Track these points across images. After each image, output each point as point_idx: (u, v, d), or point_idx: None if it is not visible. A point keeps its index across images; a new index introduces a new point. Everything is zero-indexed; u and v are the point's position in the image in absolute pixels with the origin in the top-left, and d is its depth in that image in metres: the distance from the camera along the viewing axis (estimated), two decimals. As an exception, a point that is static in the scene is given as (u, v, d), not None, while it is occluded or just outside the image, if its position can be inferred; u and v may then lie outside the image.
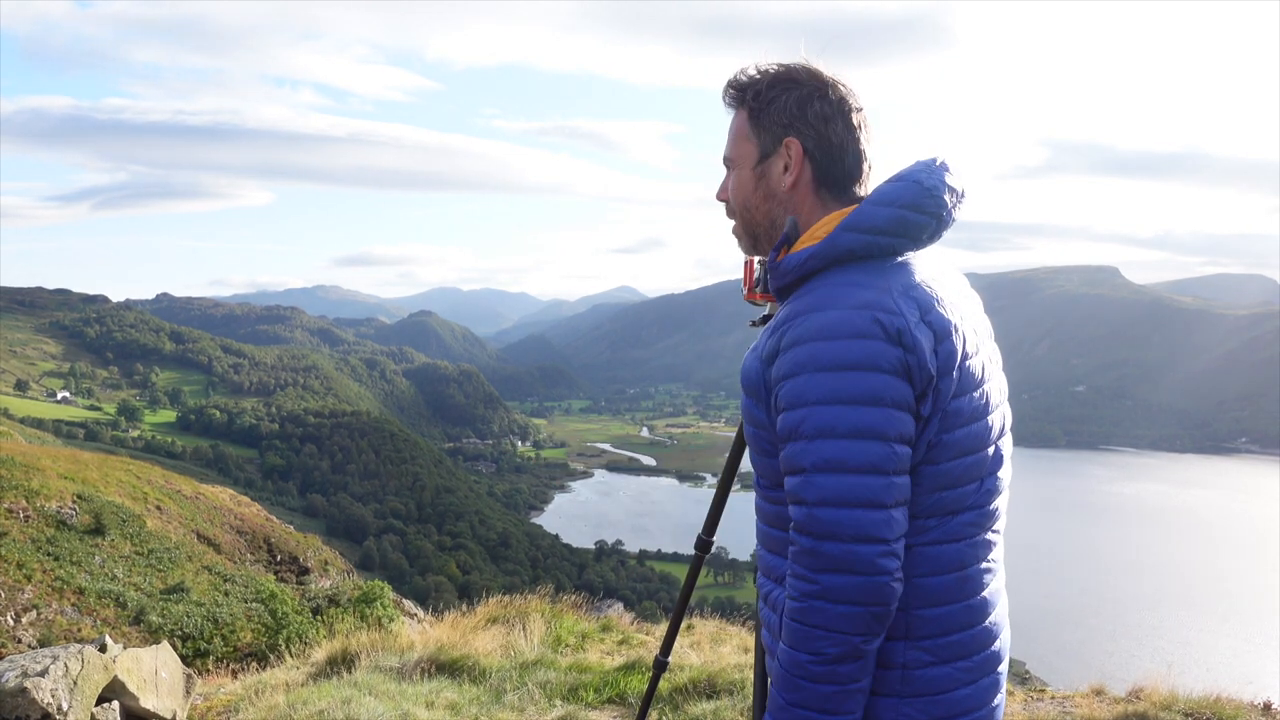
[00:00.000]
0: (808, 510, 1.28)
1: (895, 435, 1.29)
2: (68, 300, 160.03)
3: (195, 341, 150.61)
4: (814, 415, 1.28)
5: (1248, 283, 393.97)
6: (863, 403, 1.27)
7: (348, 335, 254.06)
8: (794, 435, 1.31)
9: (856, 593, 1.25)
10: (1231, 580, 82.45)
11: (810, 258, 1.40)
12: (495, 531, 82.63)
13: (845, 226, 1.39)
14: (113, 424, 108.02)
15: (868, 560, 1.25)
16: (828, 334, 1.30)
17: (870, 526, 1.26)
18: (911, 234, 1.40)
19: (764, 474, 1.47)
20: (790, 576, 1.32)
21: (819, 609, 1.27)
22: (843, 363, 1.29)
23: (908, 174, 1.44)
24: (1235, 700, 4.29)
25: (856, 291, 1.34)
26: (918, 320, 1.32)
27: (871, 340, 1.29)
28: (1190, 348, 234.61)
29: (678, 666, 4.79)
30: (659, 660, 3.15)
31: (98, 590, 9.43)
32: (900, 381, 1.29)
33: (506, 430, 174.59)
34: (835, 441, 1.27)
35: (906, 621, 1.35)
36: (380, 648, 5.37)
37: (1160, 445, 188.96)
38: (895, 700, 1.36)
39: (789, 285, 1.44)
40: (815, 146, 1.46)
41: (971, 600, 1.39)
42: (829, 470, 1.27)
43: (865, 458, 1.27)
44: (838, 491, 1.26)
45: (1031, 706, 4.44)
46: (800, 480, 1.30)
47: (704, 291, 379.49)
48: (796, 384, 1.31)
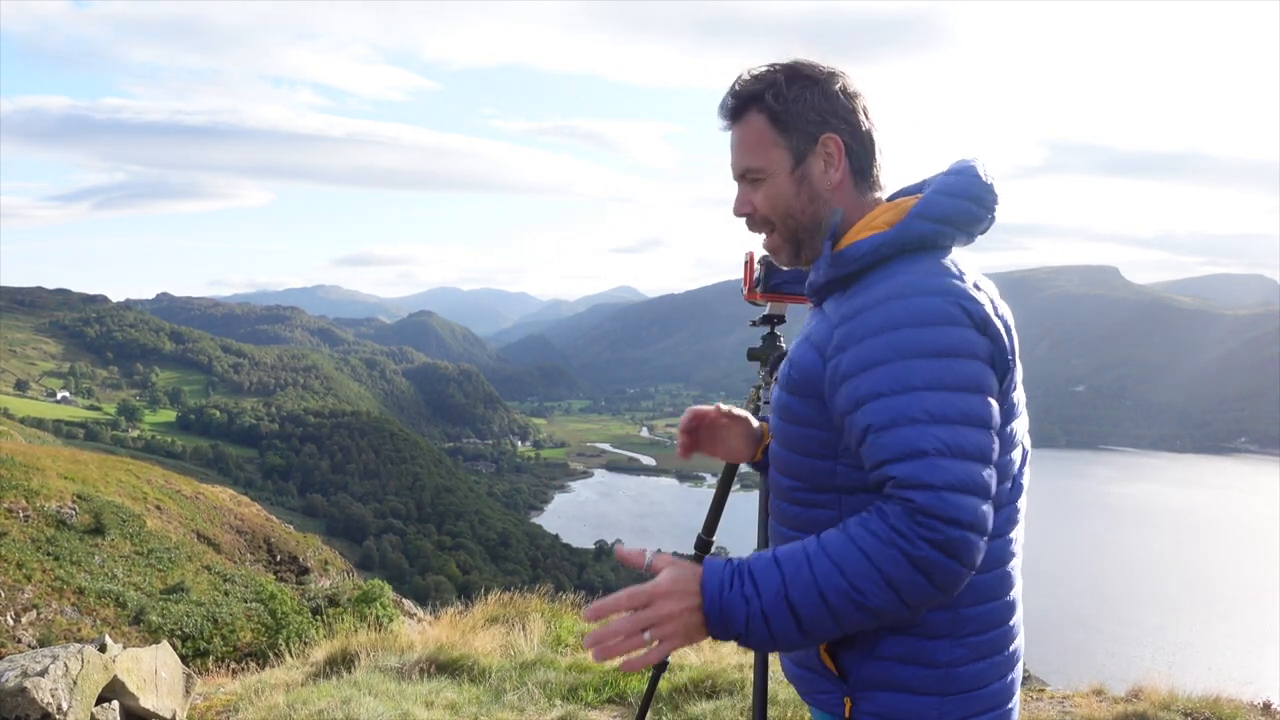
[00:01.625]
0: (936, 494, 1.20)
1: (994, 424, 1.27)
2: (68, 300, 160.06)
3: (195, 341, 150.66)
4: (925, 399, 1.23)
5: (1248, 283, 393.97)
6: (969, 390, 1.25)
7: (348, 335, 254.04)
8: (901, 420, 1.24)
9: (941, 574, 1.20)
10: (1231, 580, 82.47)
11: (883, 244, 1.35)
12: (495, 531, 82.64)
13: (918, 214, 1.35)
14: (113, 424, 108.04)
15: (973, 550, 1.21)
16: (921, 320, 1.27)
17: (984, 518, 1.22)
18: (969, 227, 1.39)
19: (804, 476, 1.42)
20: (879, 521, 1.22)
21: (898, 563, 1.19)
22: (943, 349, 1.25)
23: (964, 168, 1.42)
24: (1235, 700, 4.30)
25: (937, 279, 1.31)
26: (993, 310, 1.32)
27: (963, 328, 1.27)
28: (1190, 348, 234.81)
29: (677, 666, 4.78)
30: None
31: (97, 590, 9.43)
32: (991, 372, 1.29)
33: (506, 430, 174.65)
34: (951, 427, 1.23)
35: (954, 620, 1.34)
36: (380, 647, 5.37)
37: (1160, 445, 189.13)
38: (938, 699, 1.34)
39: (849, 276, 1.38)
40: (851, 139, 1.42)
41: (1007, 597, 1.39)
42: (952, 456, 1.21)
43: (978, 445, 1.23)
44: (962, 478, 1.21)
45: (1031, 706, 4.44)
46: (924, 464, 1.21)
47: (704, 291, 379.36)
48: (894, 370, 1.25)
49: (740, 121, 1.45)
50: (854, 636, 1.36)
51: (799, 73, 1.42)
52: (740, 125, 1.45)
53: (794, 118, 1.41)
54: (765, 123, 1.42)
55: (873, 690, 1.37)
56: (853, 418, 1.29)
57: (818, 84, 1.41)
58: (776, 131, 1.42)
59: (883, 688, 1.36)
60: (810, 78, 1.42)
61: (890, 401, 1.25)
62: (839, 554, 1.22)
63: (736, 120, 1.45)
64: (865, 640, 1.37)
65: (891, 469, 1.23)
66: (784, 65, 1.43)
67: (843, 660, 1.40)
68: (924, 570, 1.19)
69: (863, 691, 1.37)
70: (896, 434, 1.24)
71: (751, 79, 1.44)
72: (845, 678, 1.39)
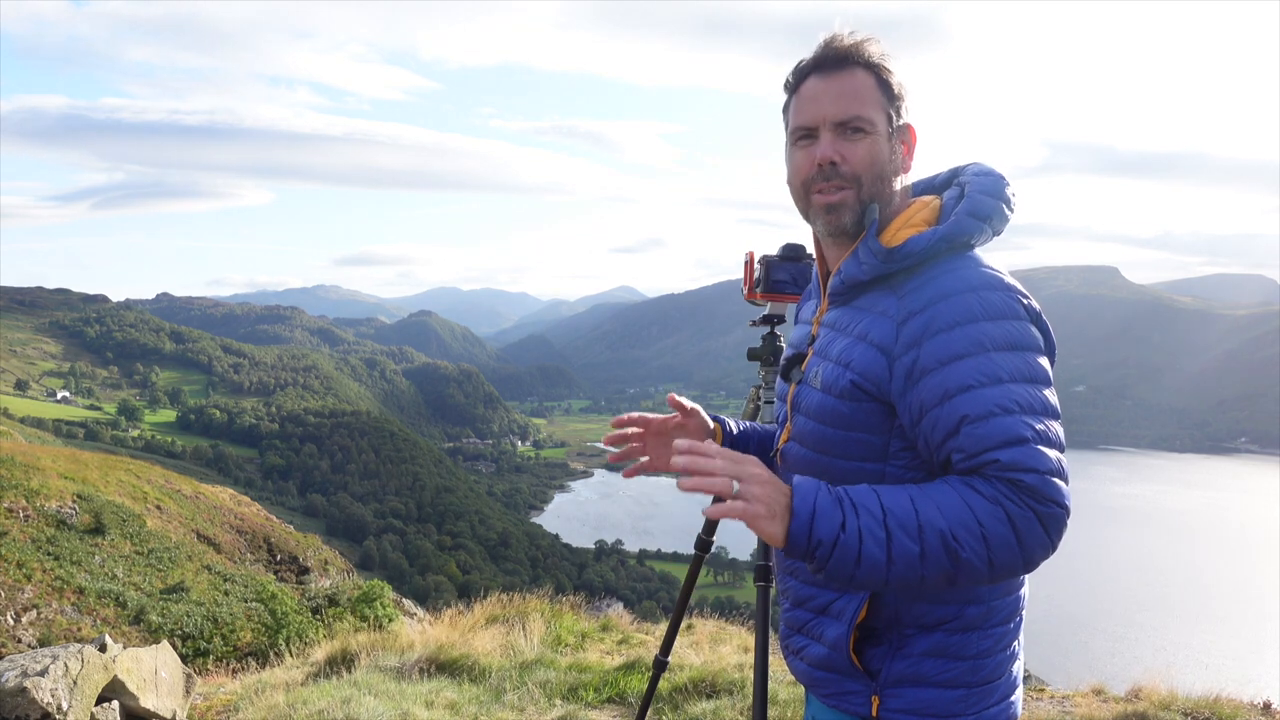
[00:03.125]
0: (1041, 478, 1.23)
1: (1060, 415, 1.33)
2: (68, 300, 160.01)
3: (195, 341, 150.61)
4: (1011, 393, 1.28)
5: (1248, 283, 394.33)
6: (1042, 383, 1.31)
7: (348, 335, 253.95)
8: (996, 411, 1.27)
9: (1035, 541, 1.24)
10: (1231, 580, 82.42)
11: (940, 240, 1.37)
12: (495, 531, 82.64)
13: (969, 213, 1.39)
14: (113, 424, 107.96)
15: (1063, 530, 1.26)
16: (994, 314, 1.31)
17: (1069, 502, 1.27)
18: (1000, 227, 1.43)
19: (841, 479, 1.40)
20: (988, 485, 1.25)
21: (1000, 521, 1.22)
22: (1016, 343, 1.31)
23: (988, 170, 1.47)
24: (1234, 700, 4.30)
25: (996, 275, 1.36)
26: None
27: (1026, 322, 1.34)
28: (1190, 348, 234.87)
29: (677, 666, 4.79)
30: (659, 660, 3.16)
31: (97, 590, 9.42)
32: (1050, 366, 1.36)
33: (506, 430, 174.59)
34: (1036, 419, 1.27)
35: (985, 613, 1.38)
36: (380, 647, 5.37)
37: (1160, 445, 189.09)
38: (965, 691, 1.37)
39: (895, 272, 1.40)
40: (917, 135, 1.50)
41: (1022, 590, 1.44)
42: (1046, 444, 1.26)
43: (1059, 436, 1.29)
44: (1057, 465, 1.26)
45: (1031, 706, 4.44)
46: (1026, 451, 1.24)
47: (704, 291, 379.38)
48: (980, 363, 1.29)
49: (845, 72, 1.42)
50: (882, 634, 1.40)
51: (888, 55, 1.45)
52: (845, 75, 1.42)
53: (892, 91, 1.43)
54: (874, 83, 1.43)
55: (902, 686, 1.38)
56: (938, 411, 1.30)
57: (898, 73, 1.45)
58: (882, 94, 1.43)
59: (912, 683, 1.38)
60: (893, 66, 1.45)
61: (984, 393, 1.28)
62: (944, 500, 1.25)
63: (839, 70, 1.42)
64: (894, 637, 1.40)
65: (997, 454, 1.25)
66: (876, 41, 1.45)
67: (870, 658, 1.41)
68: (1022, 536, 1.22)
69: (892, 688, 1.39)
70: (997, 423, 1.26)
71: (860, 40, 1.43)
72: (875, 676, 1.40)
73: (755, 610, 2.26)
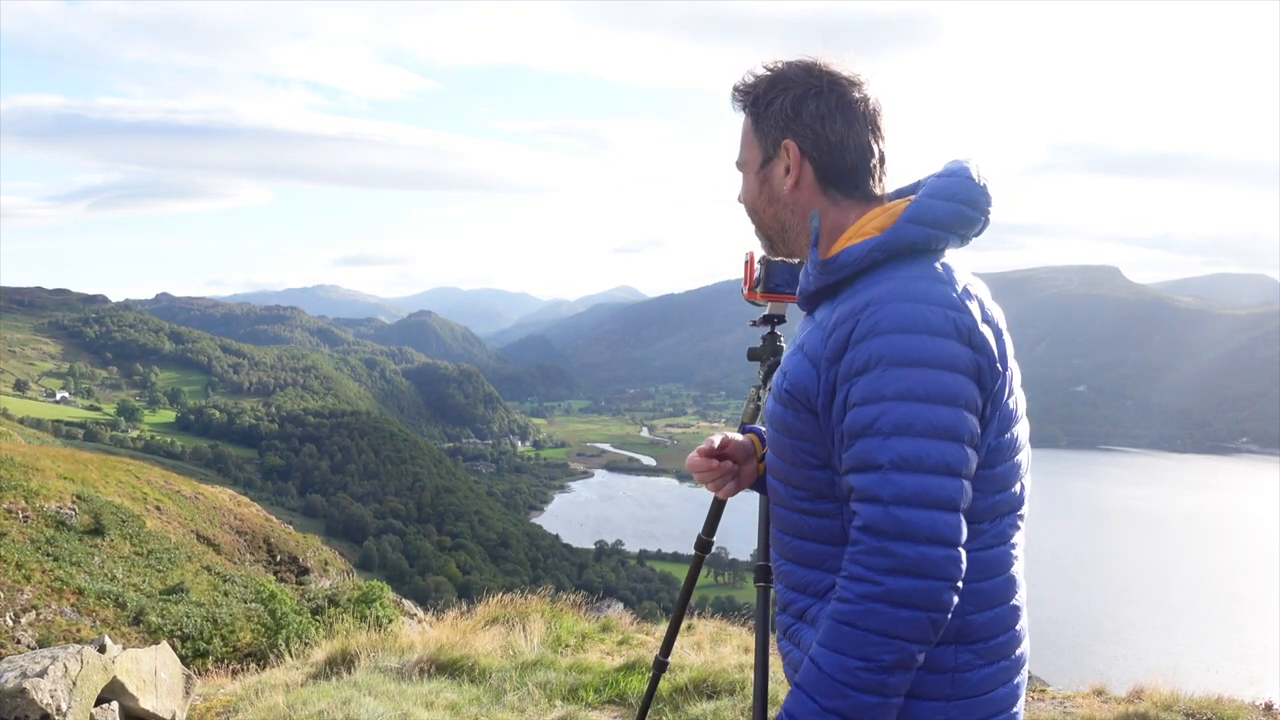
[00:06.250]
0: (883, 508, 1.22)
1: (968, 438, 1.26)
2: (67, 300, 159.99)
3: (195, 341, 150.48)
4: (891, 411, 1.24)
5: (1248, 283, 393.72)
6: (939, 401, 1.24)
7: (347, 335, 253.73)
8: (867, 431, 1.25)
9: (921, 598, 1.20)
10: (1232, 581, 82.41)
11: (874, 249, 1.35)
12: (495, 531, 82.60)
13: (909, 219, 1.36)
14: (112, 424, 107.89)
15: (938, 564, 1.21)
16: (905, 327, 1.26)
17: (945, 529, 1.22)
18: (963, 230, 1.38)
19: (804, 485, 1.41)
20: (844, 579, 1.26)
21: (878, 613, 1.21)
22: (919, 359, 1.25)
23: (956, 170, 1.41)
24: (1236, 701, 4.29)
25: (927, 286, 1.30)
26: (981, 318, 1.31)
27: (946, 339, 1.26)
28: (1190, 348, 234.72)
29: (678, 666, 4.78)
30: (659, 660, 3.15)
31: (97, 591, 9.41)
32: (972, 383, 1.27)
33: (506, 430, 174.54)
34: (913, 440, 1.23)
35: (959, 627, 1.34)
36: (380, 648, 5.36)
37: (1160, 445, 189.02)
38: (943, 704, 1.34)
39: (840, 282, 1.39)
40: (813, 147, 1.43)
41: (1013, 602, 1.40)
42: (907, 469, 1.22)
43: (942, 458, 1.23)
44: (916, 491, 1.22)
45: (1032, 707, 4.43)
46: (876, 478, 1.24)
47: (704, 291, 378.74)
48: (871, 379, 1.26)
49: (740, 115, 1.52)
50: None
51: (782, 78, 1.44)
52: (741, 118, 1.52)
53: (765, 121, 1.46)
54: (750, 122, 1.50)
55: None
56: (840, 428, 1.31)
57: (792, 90, 1.43)
58: (754, 132, 1.49)
59: None
60: (789, 83, 1.43)
61: (863, 411, 1.26)
62: (833, 640, 1.24)
63: (739, 113, 1.52)
64: None
65: (850, 479, 1.28)
66: (777, 69, 1.46)
67: None
68: (904, 603, 1.20)
69: None
70: (860, 445, 1.26)
71: (745, 80, 1.49)
72: None
73: (755, 610, 2.25)
